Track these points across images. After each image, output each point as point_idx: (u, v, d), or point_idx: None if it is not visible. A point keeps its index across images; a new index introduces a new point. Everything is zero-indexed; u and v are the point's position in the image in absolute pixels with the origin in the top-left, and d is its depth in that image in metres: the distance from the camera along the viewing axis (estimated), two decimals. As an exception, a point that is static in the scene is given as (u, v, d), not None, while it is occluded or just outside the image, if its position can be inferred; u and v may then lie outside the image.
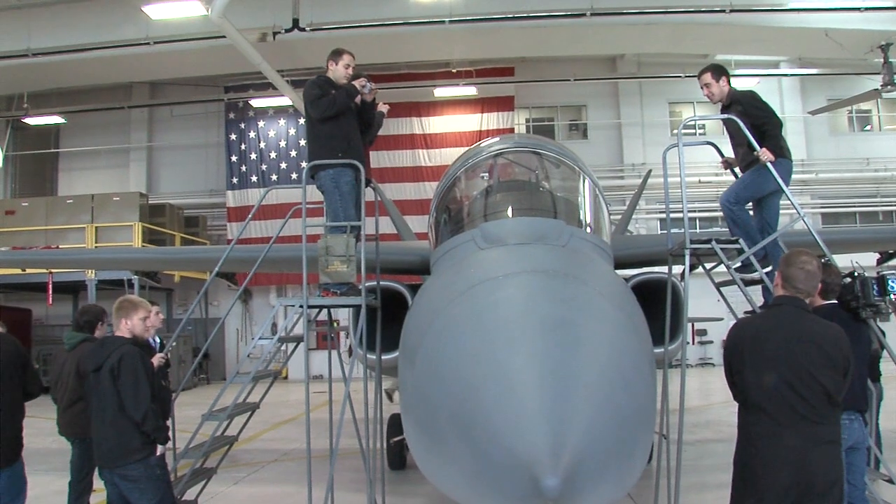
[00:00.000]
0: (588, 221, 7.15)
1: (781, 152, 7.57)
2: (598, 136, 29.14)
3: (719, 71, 8.02)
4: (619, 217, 17.56)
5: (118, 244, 23.42)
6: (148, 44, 21.29)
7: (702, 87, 8.08)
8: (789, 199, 7.56)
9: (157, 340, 8.58)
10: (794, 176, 26.75)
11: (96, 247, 23.44)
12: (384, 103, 8.68)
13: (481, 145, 8.29)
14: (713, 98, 8.08)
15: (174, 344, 8.02)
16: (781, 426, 4.74)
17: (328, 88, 8.13)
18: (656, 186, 21.94)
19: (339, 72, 8.31)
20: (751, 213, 7.92)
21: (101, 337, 7.65)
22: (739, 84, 24.54)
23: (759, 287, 7.34)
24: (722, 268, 7.35)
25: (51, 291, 22.03)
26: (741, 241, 7.23)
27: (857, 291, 6.17)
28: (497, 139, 8.74)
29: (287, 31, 20.03)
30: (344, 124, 8.14)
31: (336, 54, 8.42)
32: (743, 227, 7.59)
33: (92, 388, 6.26)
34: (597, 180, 7.65)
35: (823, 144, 28.61)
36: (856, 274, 6.30)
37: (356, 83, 8.19)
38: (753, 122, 7.58)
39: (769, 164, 7.32)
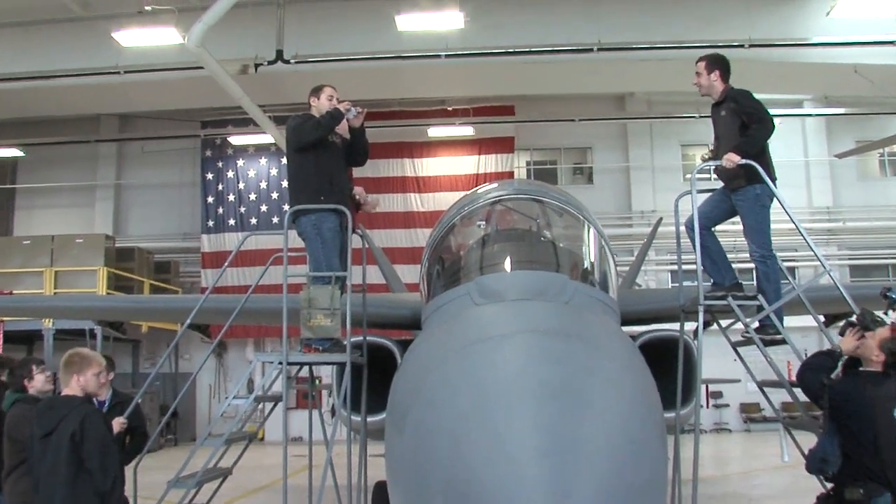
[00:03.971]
0: (593, 275, 7.22)
1: (762, 159, 7.56)
2: (604, 181, 29.19)
3: (714, 63, 8.05)
4: (627, 269, 17.63)
5: (80, 290, 23.31)
6: (118, 73, 21.20)
7: (695, 74, 8.16)
8: (806, 241, 7.57)
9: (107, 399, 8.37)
10: (819, 224, 26.55)
11: (55, 293, 23.30)
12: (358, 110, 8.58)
13: (478, 191, 8.40)
14: (700, 90, 8.15)
15: (139, 401, 7.96)
16: None
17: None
18: (667, 236, 21.88)
19: (322, 106, 8.41)
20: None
21: (47, 397, 7.53)
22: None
23: (781, 347, 7.37)
24: (739, 325, 7.40)
25: (1, 342, 21.84)
26: (760, 297, 7.28)
27: None
28: (495, 185, 8.86)
29: (270, 63, 20.14)
30: (327, 161, 8.21)
31: (317, 90, 8.55)
32: (774, 282, 7.60)
33: (39, 454, 6.13)
34: (602, 230, 7.72)
35: (852, 190, 28.47)
36: None
37: (340, 106, 8.27)
38: (745, 119, 7.69)
39: (762, 176, 7.41)
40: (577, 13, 20.78)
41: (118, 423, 6.95)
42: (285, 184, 24.84)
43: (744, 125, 7.72)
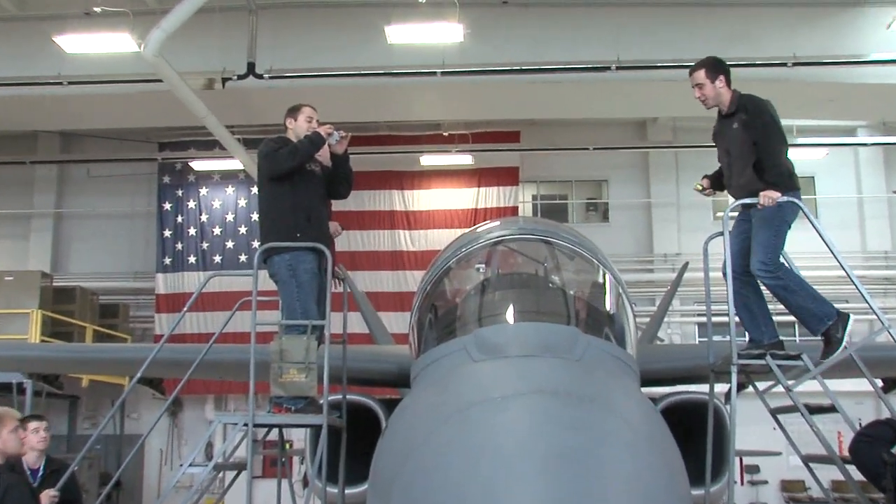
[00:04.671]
0: (608, 328, 7.25)
1: (789, 184, 7.62)
2: (621, 219, 29.19)
3: (717, 68, 8.19)
4: (648, 321, 17.65)
5: (8, 337, 23.10)
6: (60, 83, 20.96)
7: (693, 88, 8.23)
8: (859, 291, 7.55)
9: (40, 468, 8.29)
10: (875, 272, 26.31)
11: (-22, 339, 23.16)
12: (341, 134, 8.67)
13: (478, 230, 8.47)
14: (706, 103, 8.24)
15: (76, 469, 7.92)
16: None
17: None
18: (694, 282, 22.07)
19: (300, 128, 8.49)
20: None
21: None
22: (805, 156, 24.67)
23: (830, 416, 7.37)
24: (779, 387, 7.39)
25: None
26: (804, 356, 7.26)
27: None
28: (497, 223, 8.92)
29: (240, 77, 20.14)
30: (304, 193, 8.28)
31: (294, 110, 8.64)
32: (801, 288, 7.53)
33: None
34: (619, 275, 7.76)
35: (915, 232, 28.51)
36: None
37: (321, 129, 8.32)
38: (756, 137, 7.74)
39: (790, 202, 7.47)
40: (593, 27, 20.81)
41: (47, 496, 6.90)
42: (256, 217, 24.90)
43: (754, 142, 7.75)
